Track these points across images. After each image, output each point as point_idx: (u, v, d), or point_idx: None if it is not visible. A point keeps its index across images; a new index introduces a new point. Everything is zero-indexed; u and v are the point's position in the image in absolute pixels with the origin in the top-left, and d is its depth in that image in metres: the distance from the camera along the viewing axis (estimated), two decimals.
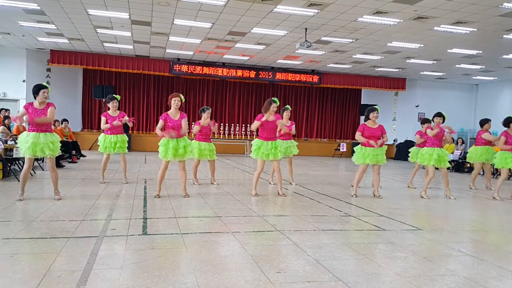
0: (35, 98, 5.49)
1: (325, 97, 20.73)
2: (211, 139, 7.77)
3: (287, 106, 8.14)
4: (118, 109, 8.13)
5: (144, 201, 5.79)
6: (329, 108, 20.82)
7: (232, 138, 17.86)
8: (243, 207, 5.64)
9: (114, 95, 7.61)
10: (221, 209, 5.47)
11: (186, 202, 5.87)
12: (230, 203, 5.91)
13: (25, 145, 5.35)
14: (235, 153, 17.61)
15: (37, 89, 5.44)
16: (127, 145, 7.52)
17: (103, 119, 7.35)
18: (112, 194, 6.29)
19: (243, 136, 18.31)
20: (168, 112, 6.05)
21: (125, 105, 18.22)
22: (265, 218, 4.98)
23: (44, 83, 5.56)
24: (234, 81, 19.18)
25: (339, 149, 19.03)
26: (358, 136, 6.79)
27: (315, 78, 18.44)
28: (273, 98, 6.57)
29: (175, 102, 5.96)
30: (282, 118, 7.82)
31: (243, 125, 18.64)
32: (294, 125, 8.04)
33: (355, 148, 6.97)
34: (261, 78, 18.09)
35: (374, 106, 7.00)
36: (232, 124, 18.36)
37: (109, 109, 7.45)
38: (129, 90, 18.30)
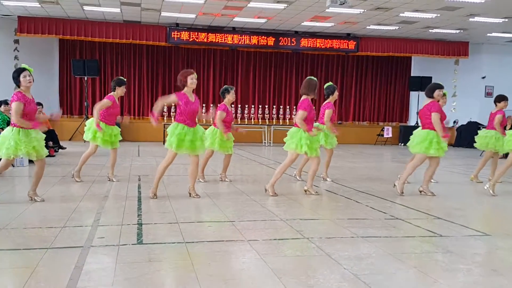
0: (18, 86, 5.59)
1: (364, 69, 20.52)
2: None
3: (330, 83, 8.12)
4: (96, 90, 8.20)
5: (139, 203, 5.87)
6: (369, 83, 20.62)
7: (246, 123, 17.87)
8: (262, 209, 5.66)
9: (122, 77, 7.66)
10: (234, 211, 5.50)
11: (190, 204, 5.92)
12: (245, 205, 5.93)
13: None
14: (250, 142, 17.64)
15: (17, 74, 5.53)
16: (120, 138, 7.63)
17: (106, 102, 7.28)
18: (98, 195, 6.39)
19: (259, 120, 18.31)
20: (184, 91, 6.00)
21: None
22: (290, 222, 5.00)
23: (24, 65, 5.62)
24: (247, 51, 19.12)
25: (382, 135, 18.87)
26: (437, 119, 6.56)
27: (351, 45, 18.24)
28: (312, 77, 6.62)
29: (192, 80, 5.94)
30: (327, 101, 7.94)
31: (260, 106, 18.61)
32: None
33: (416, 134, 6.85)
34: (282, 46, 18.00)
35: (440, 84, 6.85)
36: (246, 106, 18.32)
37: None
38: (116, 65, 18.48)
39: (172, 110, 16.07)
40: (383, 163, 12.73)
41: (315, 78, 6.68)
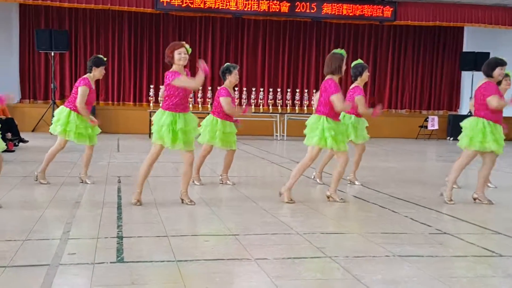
0: None
1: (403, 43, 20.45)
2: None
3: (360, 61, 8.08)
4: (75, 68, 8.22)
5: (119, 211, 5.89)
6: (409, 61, 20.55)
7: (253, 111, 17.84)
8: (273, 220, 5.66)
9: (101, 56, 7.71)
10: (238, 223, 5.50)
11: (182, 212, 5.93)
12: (252, 214, 5.93)
13: None
14: (258, 134, 17.65)
15: None
16: (98, 131, 7.67)
17: (84, 89, 7.30)
18: (69, 201, 6.41)
19: (270, 107, 18.28)
20: (175, 69, 6.04)
21: (85, 62, 18.41)
22: (308, 237, 4.99)
23: None
24: (255, 20, 19.10)
25: (426, 126, 18.81)
26: (496, 101, 6.47)
27: (387, 11, 18.16)
28: (337, 51, 6.56)
29: (180, 55, 5.96)
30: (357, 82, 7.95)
31: (270, 90, 18.55)
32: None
33: (466, 123, 6.78)
34: (299, 14, 17.95)
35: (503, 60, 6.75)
36: (253, 89, 18.28)
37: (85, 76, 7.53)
38: (91, 38, 18.54)
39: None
40: (427, 163, 12.68)
41: (342, 51, 6.59)
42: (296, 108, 18.49)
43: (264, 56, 19.62)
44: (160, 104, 6.69)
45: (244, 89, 17.96)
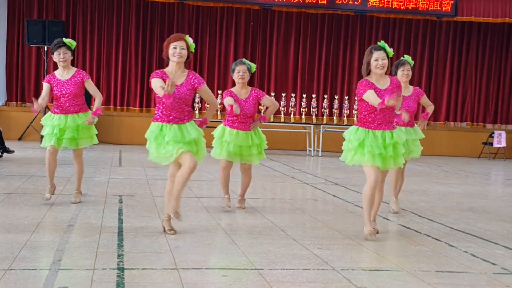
0: None
1: (464, 42, 20.37)
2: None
3: (406, 57, 7.99)
4: (73, 65, 8.30)
5: (120, 237, 5.90)
6: (472, 64, 20.45)
7: (281, 120, 17.85)
8: (304, 252, 5.63)
9: (63, 39, 7.77)
10: (262, 254, 5.49)
11: (196, 241, 5.92)
12: (279, 245, 5.91)
13: None
14: (287, 149, 17.63)
15: None
16: (93, 133, 7.67)
17: (45, 86, 7.54)
18: (60, 223, 6.44)
19: (303, 116, 18.26)
20: (165, 69, 6.11)
21: (84, 58, 18.69)
22: (346, 273, 4.96)
23: None
24: (287, 12, 19.17)
25: (491, 143, 18.64)
26: None
27: (446, 5, 18.14)
28: (379, 44, 6.41)
29: (175, 50, 5.97)
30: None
31: (304, 95, 18.54)
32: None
33: None
34: (340, 6, 18.00)
35: None
36: (283, 95, 18.31)
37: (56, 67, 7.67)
38: (91, 30, 18.73)
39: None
40: (492, 187, 12.52)
41: (381, 43, 6.40)
42: (334, 118, 18.44)
43: (297, 56, 19.66)
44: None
45: (273, 94, 17.93)
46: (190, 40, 6.07)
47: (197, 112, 16.85)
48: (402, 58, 8.03)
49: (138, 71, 18.91)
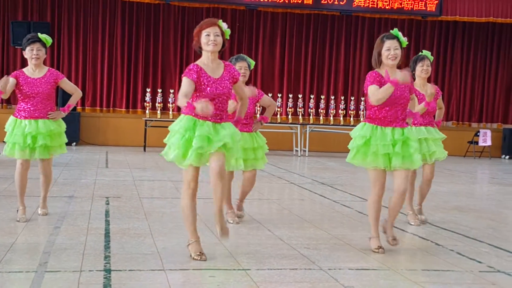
0: None
1: (449, 42, 20.46)
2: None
3: (425, 52, 7.80)
4: (57, 66, 8.06)
5: (106, 239, 5.88)
6: (457, 63, 20.54)
7: (269, 121, 17.84)
8: (292, 253, 5.63)
9: (38, 34, 6.93)
10: (250, 255, 5.49)
11: (183, 242, 5.90)
12: (266, 245, 5.92)
13: None
14: (274, 149, 17.59)
15: None
16: (64, 141, 6.98)
17: (10, 80, 6.60)
18: (46, 225, 6.41)
19: (289, 116, 18.27)
20: (198, 62, 5.35)
21: (70, 59, 18.61)
22: (333, 273, 4.97)
23: None
24: (273, 12, 19.15)
25: (477, 142, 18.77)
26: None
27: (431, 5, 18.18)
28: (392, 32, 6.02)
29: (208, 38, 5.24)
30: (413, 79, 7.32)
31: (290, 95, 18.55)
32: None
33: None
34: (326, 6, 17.99)
35: None
36: (270, 95, 18.27)
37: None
38: (77, 31, 18.67)
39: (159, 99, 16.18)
40: (477, 186, 12.57)
41: (395, 31, 6.09)
42: (321, 118, 18.50)
43: (283, 56, 19.68)
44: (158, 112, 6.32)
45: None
46: (224, 25, 5.40)
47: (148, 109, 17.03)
48: (420, 53, 7.82)
49: (124, 72, 18.85)
